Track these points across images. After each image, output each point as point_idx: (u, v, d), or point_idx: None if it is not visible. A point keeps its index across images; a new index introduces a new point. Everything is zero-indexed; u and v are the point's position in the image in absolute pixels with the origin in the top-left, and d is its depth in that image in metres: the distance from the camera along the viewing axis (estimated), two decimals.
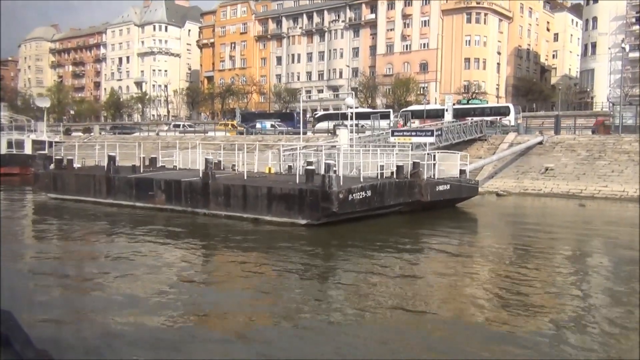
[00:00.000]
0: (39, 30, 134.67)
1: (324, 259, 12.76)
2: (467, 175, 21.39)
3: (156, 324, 8.06)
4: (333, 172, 14.69)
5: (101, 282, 10.41)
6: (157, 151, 27.82)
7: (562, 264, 12.76)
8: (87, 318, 8.29)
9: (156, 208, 19.00)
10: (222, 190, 17.14)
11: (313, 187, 15.36)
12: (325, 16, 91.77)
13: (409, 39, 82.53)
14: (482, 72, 78.09)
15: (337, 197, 14.73)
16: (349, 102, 23.35)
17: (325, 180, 14.68)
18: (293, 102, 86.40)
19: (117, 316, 8.31)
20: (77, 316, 8.41)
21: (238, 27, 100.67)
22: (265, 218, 16.15)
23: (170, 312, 8.48)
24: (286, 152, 23.73)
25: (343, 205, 15.02)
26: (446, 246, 14.15)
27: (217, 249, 13.96)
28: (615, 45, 68.77)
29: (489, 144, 35.71)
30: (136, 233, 15.45)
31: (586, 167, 30.23)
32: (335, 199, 14.72)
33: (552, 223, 19.69)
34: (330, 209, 14.90)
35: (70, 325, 7.97)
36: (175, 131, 55.88)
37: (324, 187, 14.77)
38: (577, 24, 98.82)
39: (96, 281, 10.51)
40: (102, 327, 7.85)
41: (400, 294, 9.73)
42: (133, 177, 20.24)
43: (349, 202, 15.20)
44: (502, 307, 9.02)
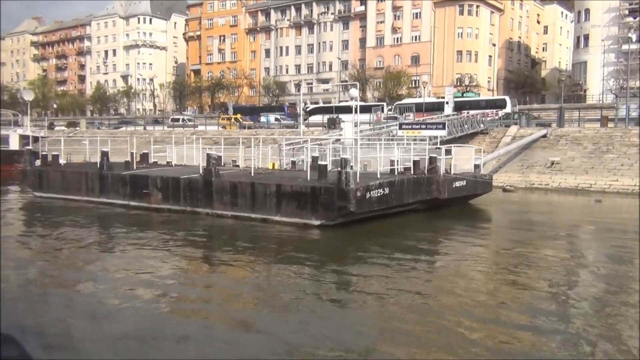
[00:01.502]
0: (22, 24, 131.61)
1: (341, 266, 11.42)
2: (481, 170, 20.32)
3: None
4: (350, 167, 13.44)
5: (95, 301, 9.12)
6: (146, 146, 26.42)
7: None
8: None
9: (151, 208, 17.65)
10: (228, 188, 15.82)
11: (327, 185, 14.12)
12: (314, 8, 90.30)
13: (399, 32, 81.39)
14: (474, 65, 77.22)
15: (354, 195, 13.51)
16: (353, 94, 22.09)
17: (342, 176, 13.45)
18: (282, 95, 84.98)
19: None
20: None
21: (227, 19, 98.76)
22: (274, 218, 14.89)
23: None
24: (287, 147, 22.45)
25: (361, 204, 13.82)
26: (471, 254, 12.91)
27: (220, 257, 12.52)
28: (608, 37, 68.33)
29: (490, 138, 34.71)
30: (132, 238, 14.13)
31: (594, 161, 29.35)
32: (352, 197, 13.50)
33: (577, 223, 18.59)
34: (347, 208, 13.67)
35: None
36: (163, 125, 54.19)
37: (340, 184, 13.53)
38: (567, 16, 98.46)
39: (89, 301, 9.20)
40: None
41: (435, 323, 8.50)
42: (127, 174, 18.83)
43: (366, 200, 13.99)
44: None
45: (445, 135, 23.81)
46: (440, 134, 23.24)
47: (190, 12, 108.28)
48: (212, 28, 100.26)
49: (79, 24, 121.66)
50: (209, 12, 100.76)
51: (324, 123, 46.22)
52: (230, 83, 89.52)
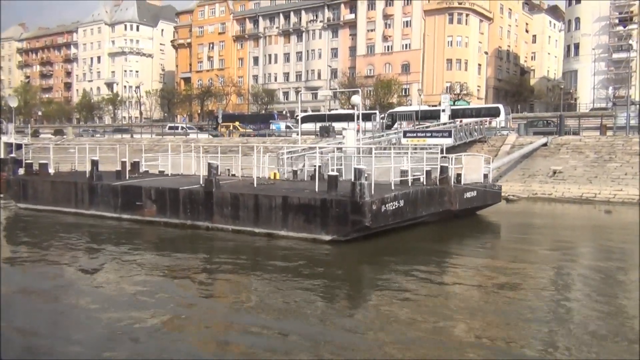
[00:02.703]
0: (8, 30, 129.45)
1: (358, 292, 10.39)
2: (490, 180, 19.51)
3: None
4: (364, 179, 12.48)
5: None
6: (135, 154, 25.27)
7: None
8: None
9: (145, 221, 16.52)
10: (229, 200, 14.77)
11: (339, 197, 13.13)
12: (302, 16, 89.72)
13: (390, 40, 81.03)
14: (464, 73, 77.02)
15: (370, 209, 12.54)
16: (355, 100, 21.24)
17: (356, 188, 12.48)
18: (271, 103, 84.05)
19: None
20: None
21: (216, 27, 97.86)
22: (280, 233, 13.85)
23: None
24: (286, 156, 21.45)
25: (376, 217, 12.85)
26: (492, 272, 12.02)
27: (220, 276, 11.44)
28: (599, 46, 68.45)
29: (489, 146, 34.05)
30: (126, 255, 13.04)
31: (597, 170, 28.74)
32: (368, 211, 12.52)
33: (596, 236, 17.74)
34: (362, 223, 12.69)
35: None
36: (152, 133, 52.92)
37: (355, 196, 12.56)
38: (555, 25, 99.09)
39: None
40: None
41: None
42: (118, 184, 17.69)
43: (382, 214, 13.03)
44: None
45: (451, 143, 22.98)
46: (446, 142, 22.43)
47: (179, 19, 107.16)
48: (202, 35, 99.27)
49: (66, 30, 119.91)
50: (199, 19, 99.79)
51: (316, 131, 45.30)
52: (219, 91, 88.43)
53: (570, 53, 72.32)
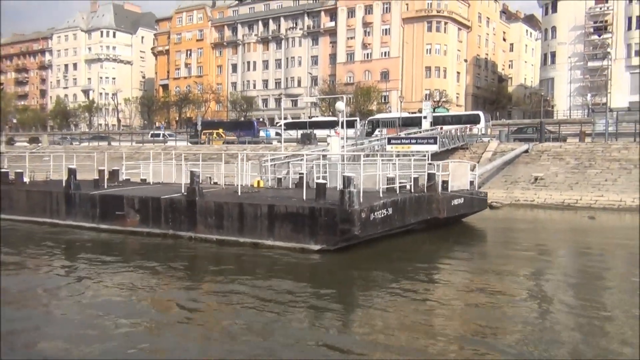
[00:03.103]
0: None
1: (349, 300, 10.13)
2: (476, 186, 19.41)
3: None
4: (353, 186, 12.21)
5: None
6: (113, 162, 24.69)
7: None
8: None
9: (127, 231, 16.01)
10: (213, 209, 14.36)
11: (328, 205, 12.83)
12: (282, 23, 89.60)
13: (369, 47, 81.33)
14: (443, 81, 77.60)
15: (359, 217, 12.26)
16: (339, 107, 21.04)
17: (345, 196, 12.19)
18: (250, 110, 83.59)
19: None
20: None
21: (194, 33, 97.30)
22: (266, 242, 13.47)
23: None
24: (268, 163, 21.08)
25: (365, 226, 12.58)
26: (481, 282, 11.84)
27: (202, 288, 11.01)
28: (574, 54, 69.54)
29: (471, 153, 34.11)
30: (105, 267, 12.55)
31: (578, 176, 28.92)
32: (357, 220, 12.24)
33: (588, 244, 17.63)
34: (351, 231, 12.40)
35: None
36: (131, 141, 52.05)
37: (344, 205, 12.27)
38: (532, 34, 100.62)
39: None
40: None
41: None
42: (97, 193, 17.14)
43: (370, 222, 12.76)
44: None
45: (436, 150, 22.87)
46: (431, 149, 22.31)
47: (159, 26, 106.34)
48: (180, 42, 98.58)
49: (41, 37, 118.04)
50: (177, 26, 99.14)
51: (297, 138, 45.02)
52: (197, 98, 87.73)
53: (547, 61, 73.35)
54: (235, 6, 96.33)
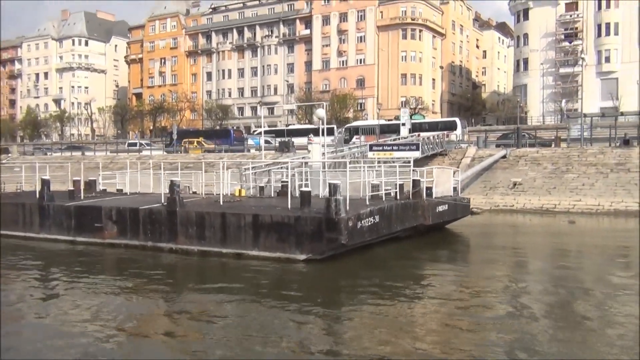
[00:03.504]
0: None
1: (336, 311, 9.81)
2: (459, 192, 19.35)
3: None
4: (340, 195, 11.96)
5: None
6: (87, 173, 23.97)
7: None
8: None
9: (105, 243, 15.48)
10: (194, 219, 13.95)
11: (314, 214, 12.55)
12: (257, 31, 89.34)
13: (345, 55, 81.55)
14: (418, 88, 78.12)
15: (346, 226, 12.00)
16: (319, 114, 20.83)
17: (331, 204, 11.93)
18: (226, 118, 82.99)
19: None
20: None
21: (168, 42, 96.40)
22: (250, 253, 13.11)
23: None
24: (248, 172, 20.69)
25: (352, 234, 12.32)
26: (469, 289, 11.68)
27: (183, 301, 10.56)
28: (546, 61, 70.72)
29: (450, 159, 34.20)
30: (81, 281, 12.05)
31: (555, 181, 29.19)
32: (344, 228, 11.97)
33: (570, 248, 17.69)
34: (338, 240, 12.12)
35: None
36: (106, 150, 51.08)
37: (330, 213, 12.00)
38: (504, 41, 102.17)
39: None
40: None
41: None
42: (73, 204, 16.57)
43: (357, 230, 12.52)
44: None
45: (419, 156, 22.79)
46: (414, 155, 22.21)
47: (132, 34, 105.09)
48: (153, 51, 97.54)
49: (10, 45, 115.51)
50: (150, 34, 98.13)
51: (275, 146, 44.69)
52: (172, 106, 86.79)
53: (519, 68, 74.36)
54: (209, 14, 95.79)
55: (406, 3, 78.91)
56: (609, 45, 66.20)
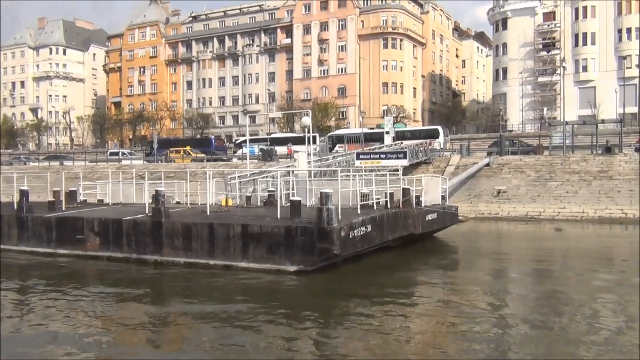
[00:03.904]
0: None
1: (328, 325, 9.48)
2: (447, 201, 19.22)
3: None
4: (332, 204, 11.69)
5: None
6: (66, 183, 23.35)
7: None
8: None
9: (87, 256, 14.97)
10: (180, 230, 13.54)
11: (305, 224, 12.24)
12: (238, 40, 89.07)
13: (326, 64, 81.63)
14: (400, 97, 78.45)
15: (338, 236, 11.71)
16: (305, 122, 20.61)
17: (323, 214, 11.64)
18: (207, 127, 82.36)
19: None
20: None
21: (147, 50, 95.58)
22: (239, 265, 12.74)
23: None
24: (237, 180, 20.31)
25: (345, 245, 12.04)
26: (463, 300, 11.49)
27: (169, 316, 10.16)
28: (525, 70, 71.59)
29: (434, 167, 34.19)
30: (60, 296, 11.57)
31: (539, 189, 29.28)
32: (337, 238, 11.68)
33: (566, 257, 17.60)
34: (330, 250, 11.82)
35: None
36: (85, 160, 50.16)
37: (322, 223, 11.70)
38: (482, 51, 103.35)
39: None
40: None
41: None
42: (54, 216, 16.03)
43: (350, 240, 12.24)
44: None
45: (406, 164, 22.63)
46: (401, 164, 22.05)
47: (111, 43, 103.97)
48: (132, 59, 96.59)
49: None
50: (129, 43, 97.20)
51: (258, 155, 44.27)
52: (152, 115, 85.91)
53: (499, 77, 75.20)
54: (189, 23, 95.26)
55: (387, 12, 79.39)
56: (586, 55, 67.30)
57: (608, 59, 66.37)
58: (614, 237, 22.38)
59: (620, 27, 65.71)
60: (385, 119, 43.35)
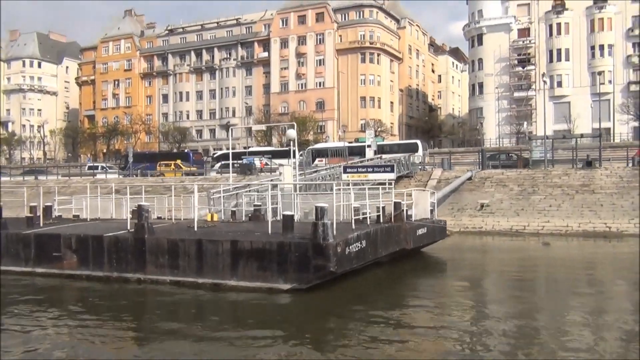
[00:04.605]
0: None
1: (325, 348, 8.99)
2: (435, 215, 18.90)
3: None
4: (327, 218, 11.21)
5: None
6: (37, 199, 22.47)
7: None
8: None
9: (65, 275, 14.18)
10: (165, 247, 12.88)
11: (298, 239, 11.73)
12: (215, 54, 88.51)
13: (304, 78, 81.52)
14: (377, 111, 78.64)
15: (335, 252, 11.22)
16: (291, 135, 20.17)
17: (319, 229, 11.14)
18: (184, 141, 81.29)
19: None
20: None
21: (122, 63, 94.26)
22: (229, 283, 12.13)
23: None
24: (216, 195, 19.69)
25: (341, 261, 11.55)
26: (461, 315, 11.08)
27: (152, 342, 9.54)
28: (501, 85, 72.44)
29: (416, 181, 33.98)
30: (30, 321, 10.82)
31: (523, 202, 29.23)
32: (333, 254, 11.18)
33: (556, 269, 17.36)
34: (326, 267, 11.30)
35: None
36: (57, 174, 48.79)
37: (317, 238, 11.20)
38: (457, 66, 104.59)
39: None
40: None
41: None
42: (31, 232, 15.19)
43: (346, 256, 11.76)
44: None
45: (394, 177, 22.30)
46: (389, 177, 21.71)
47: (83, 56, 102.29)
48: (106, 72, 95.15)
49: None
50: (103, 55, 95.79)
51: (236, 169, 43.53)
52: (127, 129, 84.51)
53: (475, 92, 75.93)
54: (166, 36, 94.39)
55: (364, 27, 79.79)
56: (560, 71, 68.42)
57: (582, 74, 67.59)
58: (606, 251, 22.27)
59: (593, 43, 67.04)
60: (367, 132, 43.21)
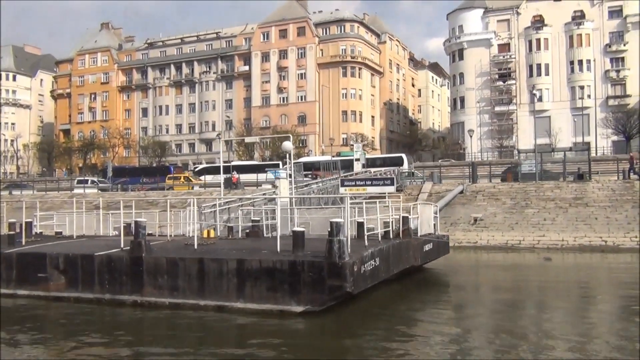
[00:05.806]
0: None
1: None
2: (438, 230, 18.25)
3: None
4: (343, 235, 10.43)
5: None
6: (14, 214, 21.22)
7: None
8: None
9: (51, 297, 13.11)
10: (165, 266, 11.93)
11: (312, 258, 10.90)
12: (195, 67, 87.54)
13: (285, 91, 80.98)
14: (359, 124, 78.40)
15: (351, 271, 10.42)
16: (287, 147, 19.42)
17: (334, 247, 10.35)
18: (164, 155, 79.83)
19: None
20: None
21: (98, 76, 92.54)
22: (235, 305, 11.22)
23: None
24: (217, 208, 18.74)
25: (357, 281, 10.74)
26: None
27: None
28: (482, 99, 72.81)
29: (406, 194, 33.38)
30: None
31: (516, 216, 28.81)
32: (349, 274, 10.38)
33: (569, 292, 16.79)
34: (343, 288, 10.47)
35: None
36: (33, 189, 47.10)
37: (332, 257, 10.40)
38: (437, 81, 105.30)
39: None
40: None
41: None
42: (14, 252, 14.07)
43: (361, 275, 10.97)
44: None
45: (394, 191, 21.64)
46: (389, 190, 21.04)
47: (59, 68, 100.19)
48: (83, 85, 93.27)
49: None
50: (79, 68, 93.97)
51: (219, 183, 42.52)
52: (104, 143, 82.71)
53: (456, 106, 76.20)
54: (145, 49, 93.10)
55: (346, 42, 79.74)
56: (540, 85, 68.96)
57: (562, 89, 68.29)
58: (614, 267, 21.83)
59: (573, 59, 67.87)
60: (355, 145, 42.67)
